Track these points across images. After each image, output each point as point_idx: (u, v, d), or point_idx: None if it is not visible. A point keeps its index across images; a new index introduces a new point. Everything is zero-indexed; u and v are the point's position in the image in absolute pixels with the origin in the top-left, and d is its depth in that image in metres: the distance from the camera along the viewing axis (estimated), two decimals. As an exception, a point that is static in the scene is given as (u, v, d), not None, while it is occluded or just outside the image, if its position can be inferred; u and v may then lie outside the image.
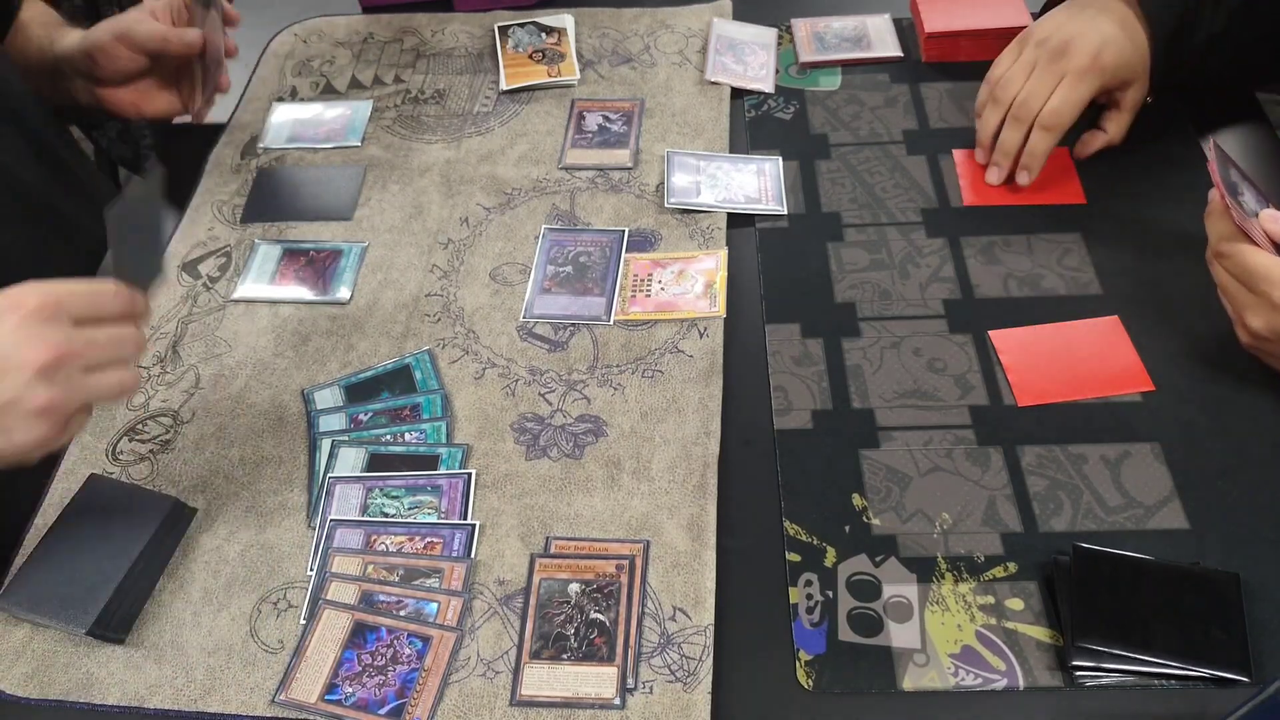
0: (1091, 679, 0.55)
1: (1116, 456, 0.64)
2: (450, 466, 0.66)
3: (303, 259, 0.79)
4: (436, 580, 0.60)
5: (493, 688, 0.56)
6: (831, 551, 0.61)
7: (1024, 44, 0.78)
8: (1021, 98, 0.76)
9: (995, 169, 0.79)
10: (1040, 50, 0.76)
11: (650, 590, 0.59)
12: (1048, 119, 0.75)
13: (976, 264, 0.76)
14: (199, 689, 0.57)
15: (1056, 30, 0.76)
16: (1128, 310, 0.71)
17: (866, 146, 0.85)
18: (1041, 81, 0.75)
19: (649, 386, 0.69)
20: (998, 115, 0.78)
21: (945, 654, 0.56)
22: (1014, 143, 0.77)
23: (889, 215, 0.79)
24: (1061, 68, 0.75)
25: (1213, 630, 0.55)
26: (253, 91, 0.95)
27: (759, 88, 0.90)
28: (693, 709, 0.55)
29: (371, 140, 0.89)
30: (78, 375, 0.55)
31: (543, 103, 0.91)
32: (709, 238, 0.78)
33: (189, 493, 0.66)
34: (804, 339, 0.72)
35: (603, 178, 0.84)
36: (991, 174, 0.79)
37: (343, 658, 0.57)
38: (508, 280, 0.77)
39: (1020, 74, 0.77)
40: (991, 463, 0.64)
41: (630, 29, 0.97)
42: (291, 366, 0.72)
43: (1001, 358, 0.69)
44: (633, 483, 0.64)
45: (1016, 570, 0.59)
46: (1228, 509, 0.61)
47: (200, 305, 0.77)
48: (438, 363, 0.72)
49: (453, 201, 0.83)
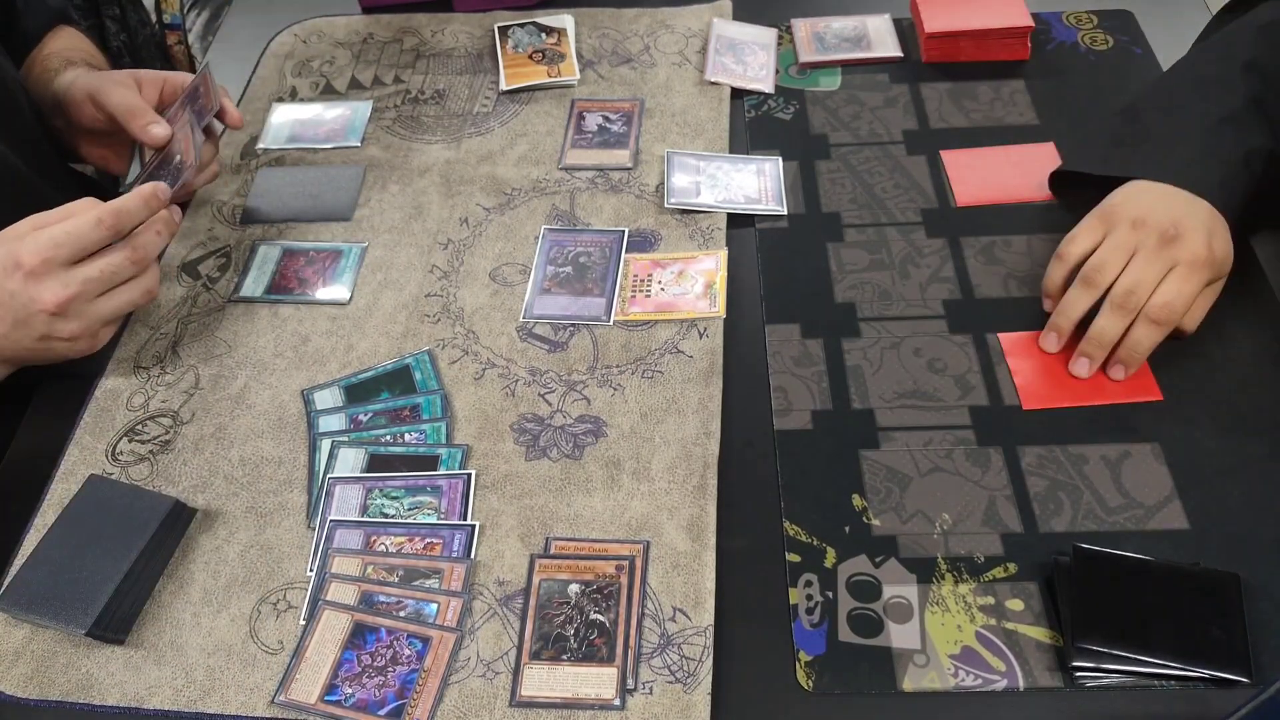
0: (1091, 679, 0.55)
1: (1117, 457, 0.64)
2: (450, 467, 0.66)
3: (303, 259, 0.79)
4: (436, 581, 0.60)
5: (492, 688, 0.56)
6: (831, 552, 0.61)
7: (1111, 222, 0.68)
8: (1127, 285, 0.66)
9: (1085, 361, 0.68)
10: (1141, 234, 0.66)
11: (650, 591, 0.59)
12: (1159, 313, 0.65)
13: (976, 264, 0.75)
14: (198, 690, 0.57)
15: (1153, 213, 0.67)
16: (1128, 310, 0.71)
17: (866, 146, 0.85)
18: (1149, 269, 0.66)
19: (649, 387, 0.69)
20: (1089, 299, 0.67)
21: (945, 654, 0.56)
22: (1114, 333, 0.66)
23: (889, 215, 0.79)
24: (1173, 255, 0.65)
25: (1213, 630, 0.55)
26: (253, 91, 0.95)
27: (759, 88, 0.90)
28: (693, 710, 0.55)
29: (371, 140, 0.89)
30: (90, 306, 0.65)
31: (542, 103, 0.91)
32: (709, 238, 0.78)
33: (189, 493, 0.66)
34: (804, 339, 0.72)
35: (603, 178, 0.84)
36: (1080, 366, 0.68)
37: (342, 658, 0.57)
38: (508, 281, 0.77)
39: (1118, 257, 0.67)
40: (991, 463, 0.64)
41: (630, 29, 0.97)
42: (291, 367, 0.72)
43: (1009, 361, 0.69)
44: (633, 483, 0.64)
45: (1016, 571, 0.59)
46: (1228, 509, 0.61)
47: (200, 305, 0.77)
48: (438, 363, 0.72)
49: (453, 202, 0.83)
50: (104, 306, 0.66)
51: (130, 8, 1.29)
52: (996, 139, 0.84)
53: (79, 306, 0.64)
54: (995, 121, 0.86)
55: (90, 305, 0.65)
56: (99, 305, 0.66)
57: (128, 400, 0.71)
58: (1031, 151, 0.83)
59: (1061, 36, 0.93)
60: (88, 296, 0.65)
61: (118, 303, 0.67)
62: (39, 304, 0.63)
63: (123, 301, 0.67)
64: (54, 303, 0.63)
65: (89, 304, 0.65)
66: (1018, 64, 0.90)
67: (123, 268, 0.66)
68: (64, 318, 0.64)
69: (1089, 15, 0.94)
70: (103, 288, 0.65)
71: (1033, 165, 0.82)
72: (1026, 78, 0.89)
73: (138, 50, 1.31)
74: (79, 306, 0.64)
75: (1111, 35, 0.92)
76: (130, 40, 1.30)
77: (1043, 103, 0.87)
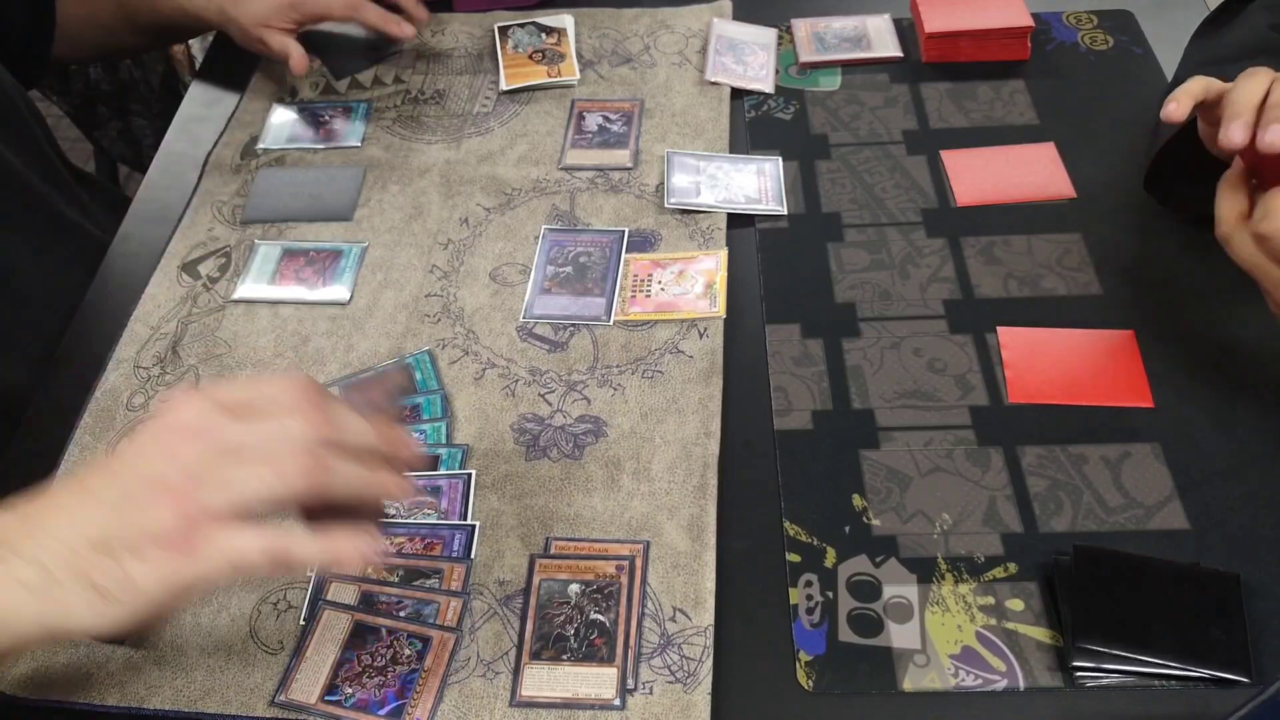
0: (1092, 679, 0.55)
1: (1117, 457, 0.64)
2: (450, 467, 0.66)
3: (303, 259, 0.79)
4: (436, 581, 0.60)
5: (492, 688, 0.56)
6: (831, 552, 0.61)
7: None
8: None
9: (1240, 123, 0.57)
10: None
11: (650, 591, 0.59)
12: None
13: (976, 264, 0.75)
14: (198, 690, 0.57)
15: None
16: (1127, 310, 0.71)
17: (866, 146, 0.85)
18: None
19: (649, 387, 0.69)
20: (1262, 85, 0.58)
21: (945, 655, 0.56)
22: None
23: (889, 215, 0.79)
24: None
25: (1213, 630, 0.55)
26: (253, 91, 0.95)
27: (759, 88, 0.90)
28: (693, 710, 0.55)
29: (371, 141, 0.89)
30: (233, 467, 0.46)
31: (542, 103, 0.91)
32: (709, 238, 0.78)
33: (189, 493, 0.66)
34: (804, 339, 0.72)
35: (603, 178, 0.84)
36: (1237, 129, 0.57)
37: (342, 658, 0.57)
38: (508, 281, 0.77)
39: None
40: (992, 463, 0.64)
41: (630, 29, 0.97)
42: (291, 367, 0.72)
43: (1004, 353, 0.69)
44: (633, 483, 0.64)
45: (1017, 571, 0.59)
46: (1228, 509, 0.61)
47: (200, 305, 0.77)
48: (438, 363, 0.72)
49: (453, 202, 0.83)
50: (238, 474, 0.46)
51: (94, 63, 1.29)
52: (996, 139, 0.84)
53: (224, 465, 0.46)
54: (995, 121, 0.86)
55: (233, 466, 0.46)
56: (235, 471, 0.46)
57: (128, 400, 0.71)
58: (1031, 151, 0.83)
59: (1061, 36, 0.93)
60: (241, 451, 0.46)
61: (246, 479, 0.46)
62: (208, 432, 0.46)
63: (251, 483, 0.46)
64: (232, 439, 0.46)
65: (235, 463, 0.46)
66: (1018, 64, 0.90)
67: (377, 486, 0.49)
68: (201, 475, 0.45)
69: (1089, 15, 0.94)
70: (267, 438, 0.47)
71: (1033, 165, 0.82)
72: (1026, 78, 0.89)
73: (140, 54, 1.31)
74: (224, 465, 0.46)
75: (1111, 35, 0.92)
76: None
77: (1043, 103, 0.87)
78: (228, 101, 0.93)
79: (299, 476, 0.45)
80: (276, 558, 0.46)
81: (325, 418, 0.48)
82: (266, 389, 0.49)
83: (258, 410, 0.47)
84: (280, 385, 0.49)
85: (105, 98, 1.32)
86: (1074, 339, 0.70)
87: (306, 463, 0.46)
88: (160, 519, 0.44)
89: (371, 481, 0.48)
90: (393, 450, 0.50)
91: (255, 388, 0.49)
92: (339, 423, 0.48)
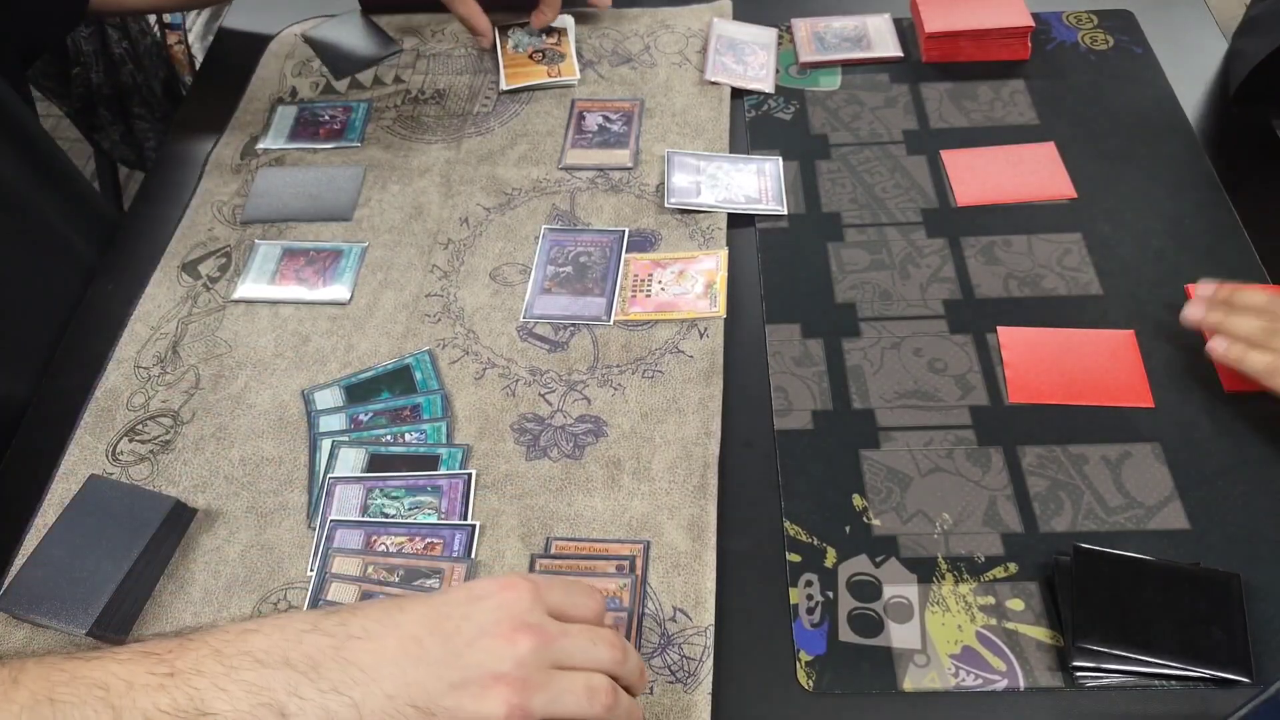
0: (1092, 679, 0.55)
1: (1117, 457, 0.64)
2: (450, 467, 0.66)
3: (303, 259, 0.79)
4: (437, 581, 0.60)
5: (493, 688, 0.56)
6: (832, 552, 0.61)
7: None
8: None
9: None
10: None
11: (650, 591, 0.59)
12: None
13: (976, 264, 0.75)
14: (199, 689, 0.57)
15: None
16: (1128, 310, 0.71)
17: (866, 146, 0.85)
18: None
19: (649, 387, 0.69)
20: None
21: (945, 654, 0.56)
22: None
23: (889, 215, 0.79)
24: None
25: (1213, 630, 0.55)
26: (253, 91, 0.94)
27: (759, 88, 0.90)
28: (693, 710, 0.55)
29: (371, 140, 0.89)
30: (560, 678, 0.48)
31: (543, 103, 0.91)
32: (709, 238, 0.78)
33: (189, 493, 0.66)
34: (804, 339, 0.72)
35: (603, 178, 0.84)
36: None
37: (343, 658, 0.57)
38: (508, 280, 0.77)
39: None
40: (992, 463, 0.64)
41: (630, 29, 0.97)
42: (291, 366, 0.72)
43: (1004, 353, 0.69)
44: (633, 483, 0.64)
45: (1017, 571, 0.59)
46: (1228, 509, 0.61)
47: (200, 305, 0.77)
48: (438, 363, 0.72)
49: (453, 202, 0.83)
50: (563, 687, 0.47)
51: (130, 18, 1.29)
52: (996, 139, 0.84)
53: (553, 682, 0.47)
54: (995, 121, 0.86)
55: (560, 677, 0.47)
56: (561, 683, 0.47)
57: (128, 400, 0.71)
58: (1031, 151, 0.83)
59: (1061, 36, 0.93)
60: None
61: (567, 695, 0.47)
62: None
63: (569, 700, 0.47)
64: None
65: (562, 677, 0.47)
66: (1018, 64, 0.90)
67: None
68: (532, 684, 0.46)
69: (1089, 15, 0.94)
70: (587, 659, 0.49)
71: (1033, 165, 0.82)
72: (1026, 78, 0.89)
73: (140, 58, 1.31)
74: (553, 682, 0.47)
75: (1111, 35, 0.92)
76: (132, 48, 1.30)
77: (1043, 103, 0.87)
78: (228, 101, 0.93)
79: (603, 702, 0.47)
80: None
81: (624, 650, 0.50)
82: (581, 600, 0.51)
83: (572, 617, 0.50)
84: (593, 601, 0.51)
85: (106, 101, 1.32)
86: (1074, 339, 0.70)
87: (609, 690, 0.48)
88: (494, 711, 0.45)
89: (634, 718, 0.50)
90: (639, 687, 0.52)
91: (573, 595, 0.51)
92: (630, 660, 0.50)
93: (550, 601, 0.49)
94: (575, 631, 0.49)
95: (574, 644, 0.49)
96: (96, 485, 0.64)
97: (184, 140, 0.91)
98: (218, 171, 0.87)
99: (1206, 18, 0.94)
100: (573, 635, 0.49)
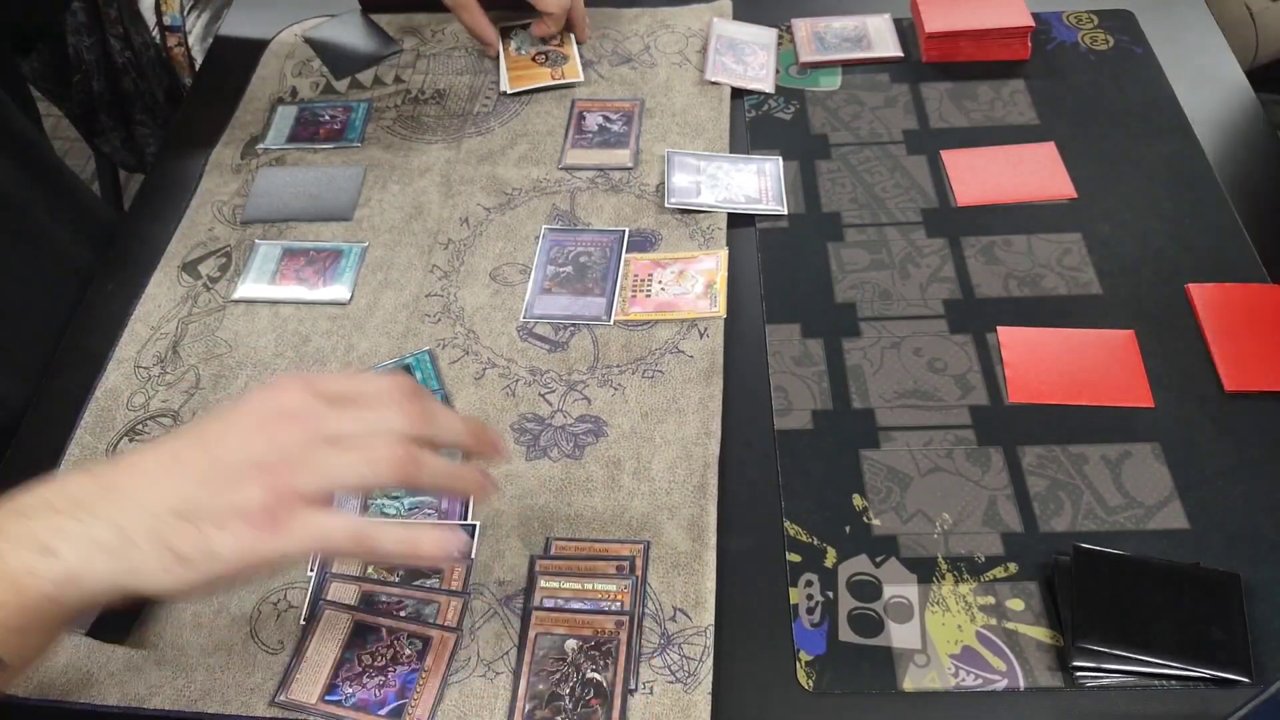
0: (1092, 679, 0.55)
1: (1117, 456, 0.64)
2: (450, 467, 0.66)
3: (303, 259, 0.79)
4: (436, 581, 0.60)
5: (493, 688, 0.56)
6: (832, 552, 0.61)
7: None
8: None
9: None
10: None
11: (650, 591, 0.59)
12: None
13: (976, 264, 0.75)
14: (199, 690, 0.57)
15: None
16: (1128, 310, 0.71)
17: (866, 146, 0.85)
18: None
19: (649, 387, 0.69)
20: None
21: (945, 654, 0.56)
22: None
23: (889, 215, 0.79)
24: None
25: (1213, 630, 0.55)
26: (253, 91, 0.95)
27: (759, 88, 0.90)
28: (693, 710, 0.55)
29: (371, 140, 0.89)
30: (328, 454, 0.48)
31: (543, 103, 0.91)
32: (709, 238, 0.78)
33: (189, 493, 0.66)
34: (804, 339, 0.72)
35: (603, 178, 0.84)
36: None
37: (343, 658, 0.57)
38: (508, 280, 0.77)
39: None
40: (992, 463, 0.64)
41: (630, 29, 0.97)
42: (291, 366, 0.72)
43: (1004, 353, 0.69)
44: (633, 483, 0.64)
45: (1017, 570, 0.59)
46: (1228, 509, 0.61)
47: (200, 305, 0.77)
48: (438, 363, 0.72)
49: (453, 201, 0.83)
50: (332, 461, 0.47)
51: (133, 28, 1.29)
52: (996, 139, 0.84)
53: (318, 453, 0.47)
54: (995, 121, 0.86)
55: (329, 453, 0.47)
56: (330, 458, 0.47)
57: (128, 400, 0.71)
58: (1031, 151, 0.83)
59: (1061, 36, 0.93)
60: (343, 441, 0.48)
61: (340, 465, 0.47)
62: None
63: (343, 470, 0.47)
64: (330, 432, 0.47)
65: (331, 450, 0.47)
66: (1018, 64, 0.90)
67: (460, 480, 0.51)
68: (293, 463, 0.47)
69: (1089, 15, 0.94)
70: (364, 429, 0.48)
71: (1033, 165, 0.82)
72: (1026, 78, 0.89)
73: (143, 69, 1.31)
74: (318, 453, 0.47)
75: (1111, 35, 0.92)
76: (135, 58, 1.30)
77: (1043, 103, 0.87)
78: (228, 101, 0.93)
79: (390, 468, 0.47)
80: (360, 541, 0.47)
81: (421, 413, 0.49)
82: (367, 384, 0.50)
83: (356, 402, 0.49)
84: (380, 381, 0.51)
85: (108, 107, 1.32)
86: (1074, 339, 0.70)
87: (399, 455, 0.47)
88: (250, 497, 0.45)
89: (458, 478, 0.51)
90: (482, 449, 0.52)
91: (356, 382, 0.51)
92: (434, 419, 0.50)
93: (328, 390, 0.49)
94: (354, 408, 0.48)
95: (349, 417, 0.47)
96: (96, 485, 0.64)
97: (184, 140, 0.91)
98: (218, 171, 0.87)
99: (1206, 18, 0.94)
100: (349, 410, 0.48)
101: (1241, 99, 0.86)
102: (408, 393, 0.50)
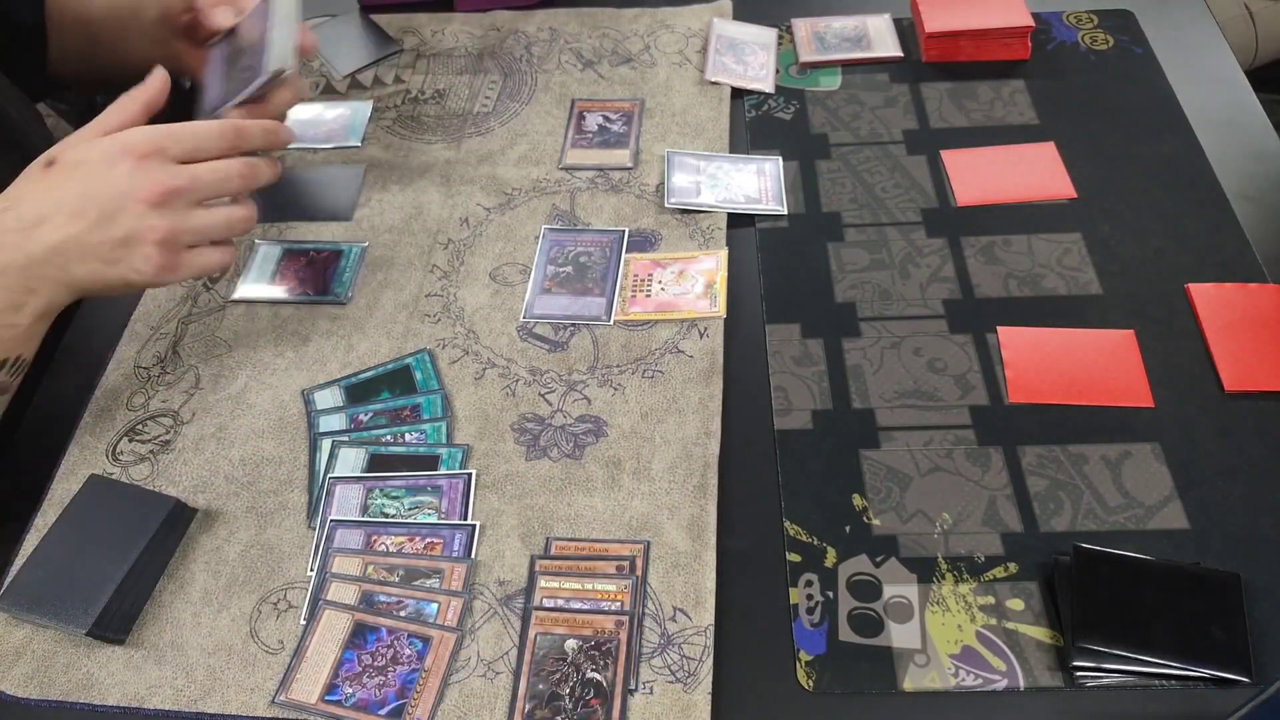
0: (1092, 679, 0.55)
1: (1117, 456, 0.64)
2: (450, 467, 0.66)
3: (303, 259, 0.79)
4: (437, 581, 0.60)
5: (493, 688, 0.56)
6: (832, 552, 0.61)
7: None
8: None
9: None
10: None
11: (650, 591, 0.59)
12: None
13: (976, 264, 0.76)
14: (199, 690, 0.57)
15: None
16: (1128, 310, 0.71)
17: (866, 146, 0.85)
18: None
19: (649, 387, 0.69)
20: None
21: (945, 654, 0.56)
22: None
23: (889, 215, 0.79)
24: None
25: (1213, 630, 0.55)
26: (253, 91, 0.94)
27: (759, 88, 0.90)
28: (693, 710, 0.55)
29: (371, 140, 0.89)
30: (186, 208, 0.62)
31: (543, 103, 0.91)
32: (709, 238, 0.78)
33: (189, 493, 0.66)
34: (804, 339, 0.72)
35: (603, 178, 0.84)
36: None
37: (343, 658, 0.57)
38: (508, 280, 0.77)
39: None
40: (992, 463, 0.64)
41: (630, 29, 0.97)
42: (291, 366, 0.72)
43: (1004, 353, 0.69)
44: (633, 483, 0.64)
45: (1017, 570, 0.59)
46: (1228, 509, 0.61)
47: (200, 305, 0.77)
48: (438, 363, 0.72)
49: (453, 202, 0.83)
50: (200, 219, 0.62)
51: None
52: (996, 139, 0.84)
53: (178, 206, 0.61)
54: (995, 121, 0.86)
55: (188, 211, 0.62)
56: (196, 212, 0.62)
57: (128, 400, 0.71)
58: (1031, 151, 0.83)
59: (1061, 36, 0.93)
60: (191, 196, 0.62)
61: (214, 220, 0.63)
62: (138, 192, 0.60)
63: (220, 220, 0.64)
64: (155, 192, 0.60)
65: (186, 206, 0.62)
66: (1018, 64, 0.90)
67: (232, 177, 0.64)
68: (159, 212, 0.60)
69: (1089, 15, 0.94)
70: (208, 193, 0.63)
71: (1033, 165, 0.82)
72: (1026, 78, 0.89)
73: None
74: (178, 206, 0.61)
75: (1111, 35, 0.92)
76: None
77: (1043, 103, 0.87)
78: (228, 101, 0.93)
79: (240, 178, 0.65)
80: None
81: (235, 134, 0.65)
82: (205, 140, 0.64)
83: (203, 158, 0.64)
84: (215, 137, 0.64)
85: (107, 107, 1.32)
86: (1074, 339, 0.70)
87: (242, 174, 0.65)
88: (149, 257, 0.61)
89: (227, 178, 0.64)
90: (267, 137, 0.67)
91: (196, 137, 0.64)
92: (244, 132, 0.65)
93: (178, 153, 0.62)
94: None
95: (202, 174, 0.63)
96: (96, 485, 0.64)
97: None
98: (218, 171, 0.87)
99: (1206, 18, 0.94)
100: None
101: (1241, 99, 0.86)
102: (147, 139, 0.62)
